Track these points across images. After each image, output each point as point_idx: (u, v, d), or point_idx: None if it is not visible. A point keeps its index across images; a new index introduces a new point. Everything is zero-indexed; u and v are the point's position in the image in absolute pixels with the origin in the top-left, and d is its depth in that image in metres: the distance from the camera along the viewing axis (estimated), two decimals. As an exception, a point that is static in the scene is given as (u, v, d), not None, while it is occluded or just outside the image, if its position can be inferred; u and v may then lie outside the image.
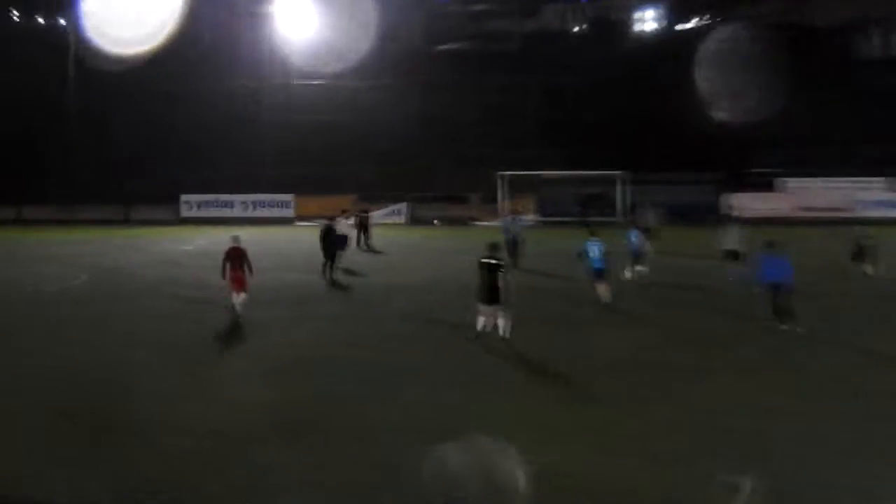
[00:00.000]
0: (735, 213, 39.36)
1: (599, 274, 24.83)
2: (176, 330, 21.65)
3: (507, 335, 19.95)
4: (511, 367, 18.44)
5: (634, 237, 28.72)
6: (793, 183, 57.07)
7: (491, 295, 19.82)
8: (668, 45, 65.38)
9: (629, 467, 12.76)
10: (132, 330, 21.81)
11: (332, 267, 29.74)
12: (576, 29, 69.60)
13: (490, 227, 39.51)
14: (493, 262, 20.03)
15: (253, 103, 61.55)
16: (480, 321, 20.20)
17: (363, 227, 40.76)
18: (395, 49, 62.84)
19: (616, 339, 20.75)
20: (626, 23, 70.70)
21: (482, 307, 20.11)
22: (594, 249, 24.82)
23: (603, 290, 24.82)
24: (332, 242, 29.87)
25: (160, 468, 12.83)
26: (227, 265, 23.02)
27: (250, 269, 23.12)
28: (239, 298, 22.96)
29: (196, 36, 60.83)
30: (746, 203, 54.86)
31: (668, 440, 13.87)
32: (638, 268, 28.82)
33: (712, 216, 50.28)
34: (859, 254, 30.27)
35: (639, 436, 14.08)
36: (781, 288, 20.70)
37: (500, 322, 20.01)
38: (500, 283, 19.73)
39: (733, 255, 29.15)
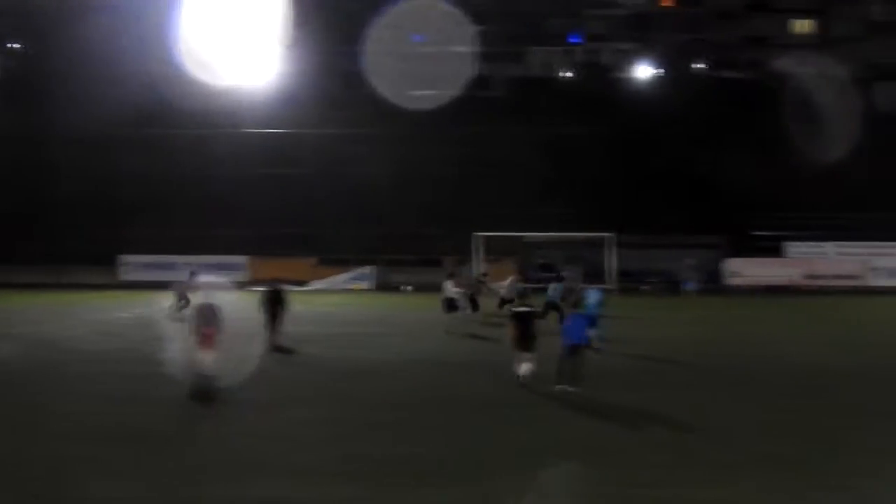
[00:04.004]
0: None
1: (592, 321, 25.77)
2: (121, 417, 19.41)
3: (527, 380, 21.31)
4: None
5: (593, 297, 26.94)
6: (801, 248, 54.58)
7: (527, 343, 21.32)
8: (665, 93, 63.36)
9: None
10: (66, 417, 19.39)
11: (273, 331, 28.66)
12: (564, 75, 68.74)
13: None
14: (527, 310, 21.61)
15: (202, 154, 57.38)
16: (521, 367, 21.49)
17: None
18: (363, 94, 59.75)
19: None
20: (618, 69, 69.64)
21: (521, 355, 21.51)
22: (595, 296, 26.74)
23: (592, 333, 25.87)
24: (276, 306, 28.67)
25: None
26: (198, 322, 21.88)
27: (221, 328, 22.04)
28: (208, 357, 21.37)
29: (133, 75, 56.50)
30: (749, 269, 53.35)
31: None
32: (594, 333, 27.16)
33: (713, 284, 50.59)
34: None
35: None
36: (579, 349, 21.41)
37: (526, 366, 21.35)
38: (535, 331, 21.42)
39: (451, 305, 30.88)
